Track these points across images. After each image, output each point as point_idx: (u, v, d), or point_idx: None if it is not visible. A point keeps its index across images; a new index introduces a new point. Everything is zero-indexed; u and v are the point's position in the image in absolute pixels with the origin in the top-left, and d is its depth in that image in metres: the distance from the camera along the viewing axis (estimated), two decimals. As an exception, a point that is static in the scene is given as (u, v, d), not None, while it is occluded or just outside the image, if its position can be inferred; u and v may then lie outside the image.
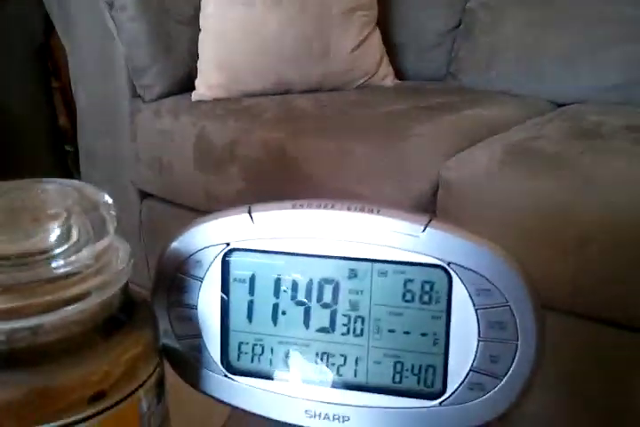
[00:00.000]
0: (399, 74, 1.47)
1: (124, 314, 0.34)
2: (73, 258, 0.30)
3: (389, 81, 1.40)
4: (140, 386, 0.33)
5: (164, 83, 1.26)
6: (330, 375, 0.36)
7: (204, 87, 1.23)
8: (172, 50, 1.26)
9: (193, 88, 1.24)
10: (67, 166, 1.85)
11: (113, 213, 0.32)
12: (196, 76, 1.24)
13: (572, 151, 0.90)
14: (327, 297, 0.35)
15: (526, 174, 0.87)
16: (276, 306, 0.36)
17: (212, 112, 1.18)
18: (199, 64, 1.24)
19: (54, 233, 0.30)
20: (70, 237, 0.30)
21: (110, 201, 0.33)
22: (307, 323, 0.35)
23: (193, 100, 1.23)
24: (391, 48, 1.47)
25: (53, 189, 0.33)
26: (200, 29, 1.24)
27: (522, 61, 1.31)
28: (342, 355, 0.35)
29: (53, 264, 0.29)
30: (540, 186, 0.85)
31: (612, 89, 1.21)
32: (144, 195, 1.34)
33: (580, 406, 0.88)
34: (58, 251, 0.29)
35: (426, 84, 1.44)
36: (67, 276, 0.30)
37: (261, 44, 1.22)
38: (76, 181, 0.35)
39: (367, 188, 0.98)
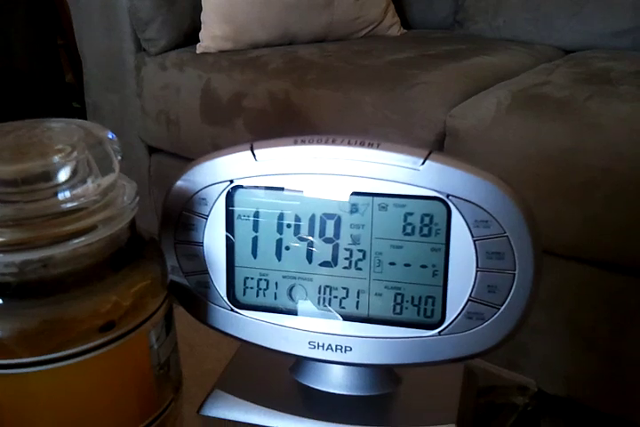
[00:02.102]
0: (405, 23, 1.45)
1: (133, 250, 0.35)
2: (79, 191, 0.30)
3: (395, 30, 1.38)
4: (149, 318, 0.34)
5: (168, 35, 1.25)
6: (332, 308, 0.37)
7: (209, 39, 1.22)
8: (175, 1, 1.25)
9: (197, 40, 1.23)
10: (74, 123, 1.85)
11: (118, 148, 0.33)
12: (200, 29, 1.23)
13: (579, 97, 0.89)
14: (329, 232, 0.36)
15: (533, 120, 0.87)
16: (279, 241, 0.37)
17: (218, 64, 1.17)
18: (202, 15, 1.22)
19: (59, 164, 0.30)
20: (76, 170, 0.31)
21: (115, 138, 0.34)
22: (309, 257, 0.36)
23: (198, 52, 1.22)
24: (397, -4, 1.44)
25: (59, 126, 0.34)
26: (202, -20, 1.22)
27: (529, 8, 1.28)
28: (344, 288, 0.36)
29: (60, 196, 0.30)
30: (547, 132, 0.85)
31: (622, 34, 1.19)
32: (152, 150, 1.34)
33: (585, 350, 0.89)
34: (63, 179, 0.30)
35: (432, 32, 1.42)
36: (74, 210, 0.31)
37: (265, -7, 1.20)
38: (81, 120, 0.35)
39: (373, 137, 0.98)
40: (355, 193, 0.35)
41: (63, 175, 0.30)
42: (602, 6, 1.22)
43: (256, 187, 0.36)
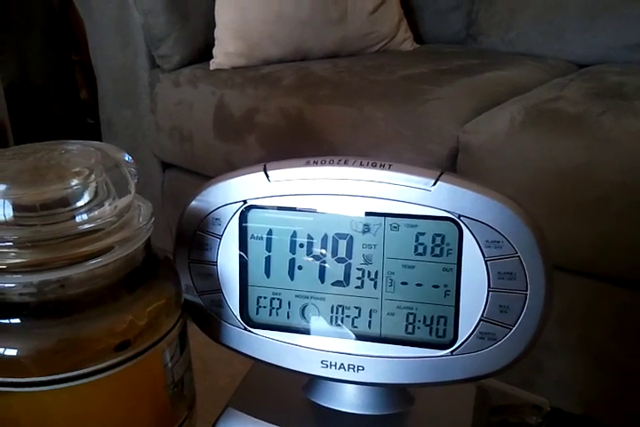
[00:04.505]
0: (418, 37, 1.46)
1: (148, 270, 0.35)
2: (96, 213, 0.31)
3: (408, 45, 1.39)
4: (164, 337, 0.34)
5: (182, 52, 1.27)
6: (345, 327, 0.37)
7: (222, 55, 1.23)
8: (189, 18, 1.26)
9: (211, 57, 1.25)
10: (89, 139, 1.87)
11: (134, 171, 0.34)
12: (213, 45, 1.25)
13: (592, 112, 0.89)
14: (341, 252, 0.36)
15: (547, 136, 0.87)
16: (292, 261, 0.37)
17: (231, 80, 1.18)
18: (216, 32, 1.24)
19: (78, 188, 0.31)
20: (93, 193, 0.31)
21: (131, 160, 0.34)
22: (322, 277, 0.37)
23: (211, 68, 1.24)
24: (410, 11, 1.45)
25: (77, 149, 0.35)
26: (216, -3, 1.23)
27: (542, 22, 1.28)
28: (357, 307, 0.36)
29: (77, 219, 0.31)
30: (560, 147, 0.85)
31: (636, 48, 1.19)
32: (166, 165, 1.35)
33: (600, 367, 0.89)
34: (81, 204, 0.31)
35: (445, 47, 1.43)
36: (91, 232, 0.31)
37: (278, 9, 1.22)
38: (98, 142, 0.36)
39: (386, 153, 0.98)
40: (367, 213, 0.35)
41: (81, 199, 0.31)
42: (615, 20, 1.22)
43: (269, 207, 0.37)
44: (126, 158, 0.34)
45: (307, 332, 0.37)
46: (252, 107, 1.12)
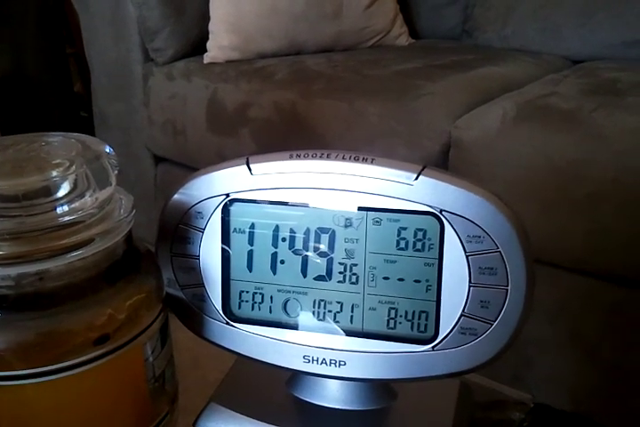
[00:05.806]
0: (414, 32, 1.45)
1: (129, 263, 0.35)
2: (77, 204, 0.31)
3: (403, 40, 1.39)
4: (144, 331, 0.34)
5: (176, 45, 1.26)
6: (327, 322, 0.37)
7: (216, 49, 1.23)
8: (183, 11, 1.26)
9: (205, 50, 1.24)
10: (82, 132, 1.87)
11: (115, 163, 0.33)
12: (207, 38, 1.24)
13: (585, 108, 0.89)
14: (324, 246, 0.36)
15: (539, 132, 0.86)
16: (274, 255, 0.37)
17: (225, 74, 1.18)
18: (210, 25, 1.23)
19: (57, 180, 0.31)
20: (74, 185, 0.31)
21: (112, 152, 0.34)
22: (304, 271, 0.36)
23: (205, 62, 1.23)
24: (405, 6, 1.45)
25: (57, 141, 0.34)
26: (211, -10, 1.23)
27: (538, 18, 1.28)
28: (339, 302, 0.36)
29: (58, 210, 0.30)
30: (553, 143, 0.85)
31: (630, 45, 1.19)
32: (158, 159, 1.35)
33: (591, 364, 0.89)
34: (62, 194, 0.30)
35: (440, 42, 1.43)
36: (71, 224, 0.31)
37: (272, 3, 1.21)
38: (79, 134, 0.36)
39: (379, 147, 0.98)
40: (349, 207, 0.35)
41: (62, 190, 0.31)
42: (612, 16, 1.22)
43: (252, 201, 0.36)
44: (107, 150, 0.34)
45: (289, 326, 0.37)
46: (245, 101, 1.12)
